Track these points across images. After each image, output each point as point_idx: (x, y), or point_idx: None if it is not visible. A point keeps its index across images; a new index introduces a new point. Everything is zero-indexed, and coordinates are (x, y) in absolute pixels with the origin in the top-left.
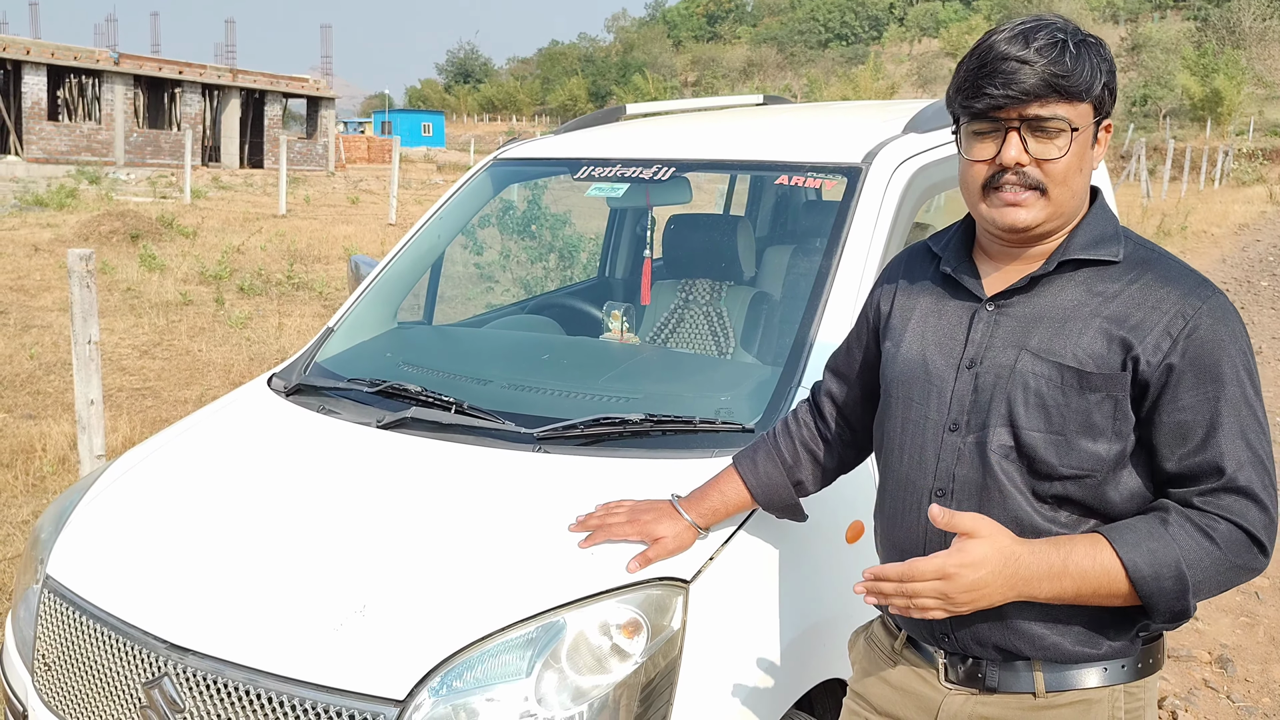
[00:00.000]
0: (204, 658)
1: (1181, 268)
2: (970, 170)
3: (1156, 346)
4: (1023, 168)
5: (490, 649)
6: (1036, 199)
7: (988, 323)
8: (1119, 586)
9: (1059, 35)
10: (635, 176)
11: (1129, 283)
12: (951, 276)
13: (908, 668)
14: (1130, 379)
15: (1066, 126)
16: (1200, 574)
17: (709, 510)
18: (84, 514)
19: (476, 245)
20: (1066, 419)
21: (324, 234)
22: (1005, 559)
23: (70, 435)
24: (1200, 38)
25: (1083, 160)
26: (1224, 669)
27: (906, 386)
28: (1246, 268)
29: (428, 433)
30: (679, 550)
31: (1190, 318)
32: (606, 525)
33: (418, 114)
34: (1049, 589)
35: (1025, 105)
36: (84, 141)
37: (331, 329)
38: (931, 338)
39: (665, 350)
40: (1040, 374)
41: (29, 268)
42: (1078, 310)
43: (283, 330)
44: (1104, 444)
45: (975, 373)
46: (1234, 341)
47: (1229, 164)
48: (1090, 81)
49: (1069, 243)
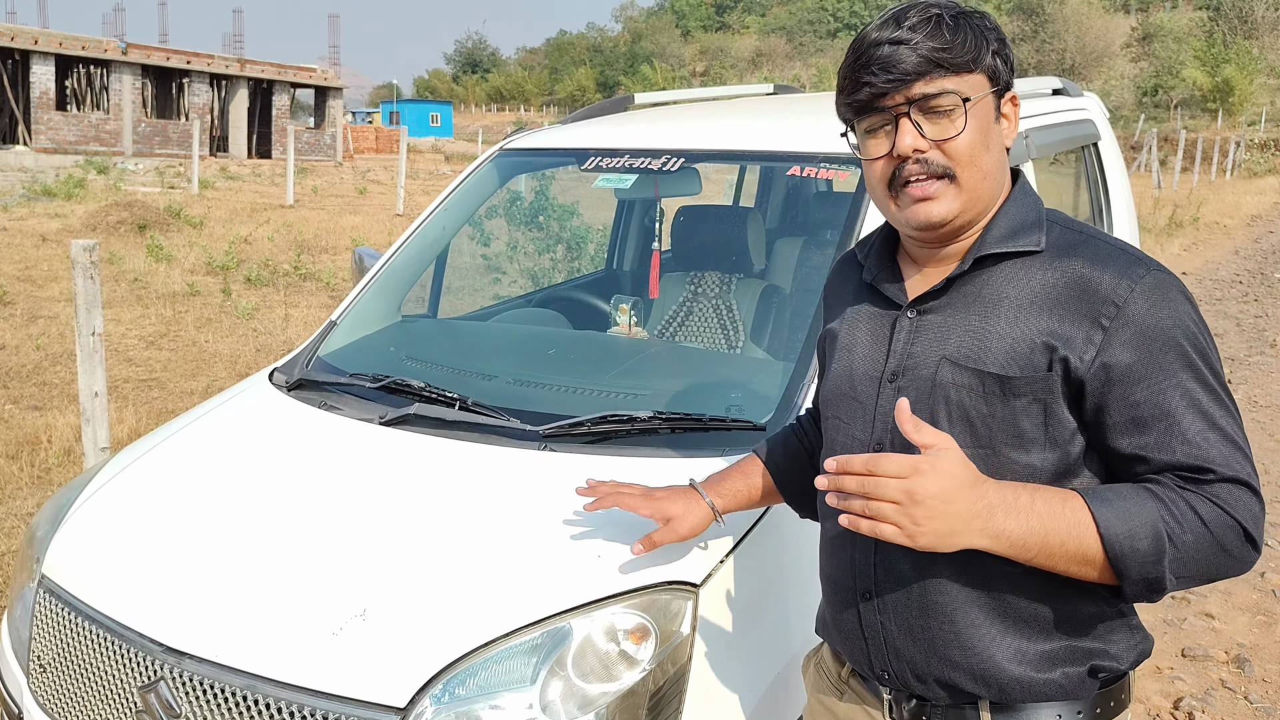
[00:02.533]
0: (201, 662)
1: (1111, 248)
2: (871, 171)
3: (1087, 340)
4: (923, 154)
5: (494, 655)
6: (946, 188)
7: (909, 331)
8: (1089, 542)
9: (932, 11)
10: (644, 167)
11: (1051, 272)
12: (873, 285)
13: (855, 703)
14: (1061, 379)
15: (958, 100)
16: (1182, 547)
17: (730, 492)
18: (80, 512)
19: (483, 236)
20: (993, 430)
21: (331, 224)
22: (974, 479)
23: (75, 427)
24: (1211, 27)
25: (987, 136)
26: (1241, 669)
27: (835, 406)
28: (1260, 259)
29: (431, 430)
30: (691, 534)
31: (1123, 303)
32: (618, 493)
33: (425, 104)
34: (1016, 526)
35: (909, 86)
36: (92, 131)
37: (334, 322)
38: (858, 352)
39: (674, 345)
40: (961, 384)
41: (36, 258)
42: (997, 310)
43: (289, 321)
44: (1037, 454)
45: (898, 386)
46: (1178, 322)
47: (1240, 155)
48: (976, 50)
49: (984, 237)
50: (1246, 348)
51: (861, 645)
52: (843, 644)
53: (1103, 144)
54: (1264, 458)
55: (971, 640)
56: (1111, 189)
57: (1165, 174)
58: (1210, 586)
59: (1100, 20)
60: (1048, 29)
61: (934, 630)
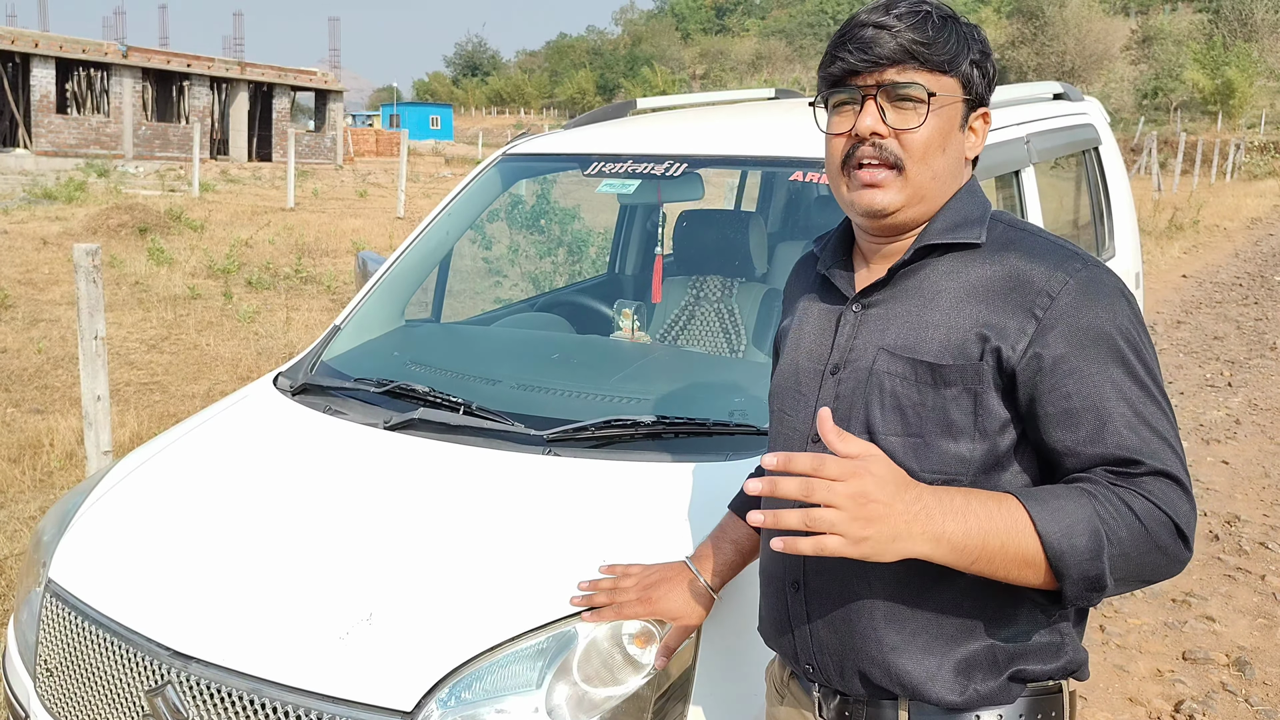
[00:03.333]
0: (207, 665)
1: (1049, 243)
2: (829, 147)
3: (1020, 331)
4: (880, 139)
5: (500, 659)
6: (894, 179)
7: (853, 324)
8: (1028, 543)
9: (923, 7)
10: (647, 172)
11: (989, 265)
12: (825, 276)
13: (793, 706)
14: (993, 370)
15: (924, 94)
16: (1118, 543)
17: (724, 566)
18: (86, 516)
19: (484, 239)
20: (924, 419)
21: (332, 227)
22: (906, 481)
23: (78, 430)
24: (1211, 30)
25: (946, 138)
26: (1242, 671)
27: (780, 399)
28: (1260, 262)
29: (435, 434)
30: (699, 622)
31: (1056, 295)
32: (616, 605)
33: (425, 107)
34: (955, 528)
35: (882, 71)
36: (92, 134)
37: (338, 327)
38: (805, 345)
39: (677, 350)
40: (895, 373)
41: (37, 261)
42: (935, 301)
43: (291, 324)
44: (965, 444)
45: (839, 379)
46: (1112, 316)
47: (1240, 157)
48: (954, 53)
49: (929, 228)
50: (1247, 350)
51: (790, 638)
52: (775, 638)
53: (1103, 148)
54: (1264, 460)
55: (886, 636)
56: (1112, 193)
57: (1165, 177)
58: (1211, 589)
59: (1100, 23)
60: (1047, 32)
61: (853, 623)
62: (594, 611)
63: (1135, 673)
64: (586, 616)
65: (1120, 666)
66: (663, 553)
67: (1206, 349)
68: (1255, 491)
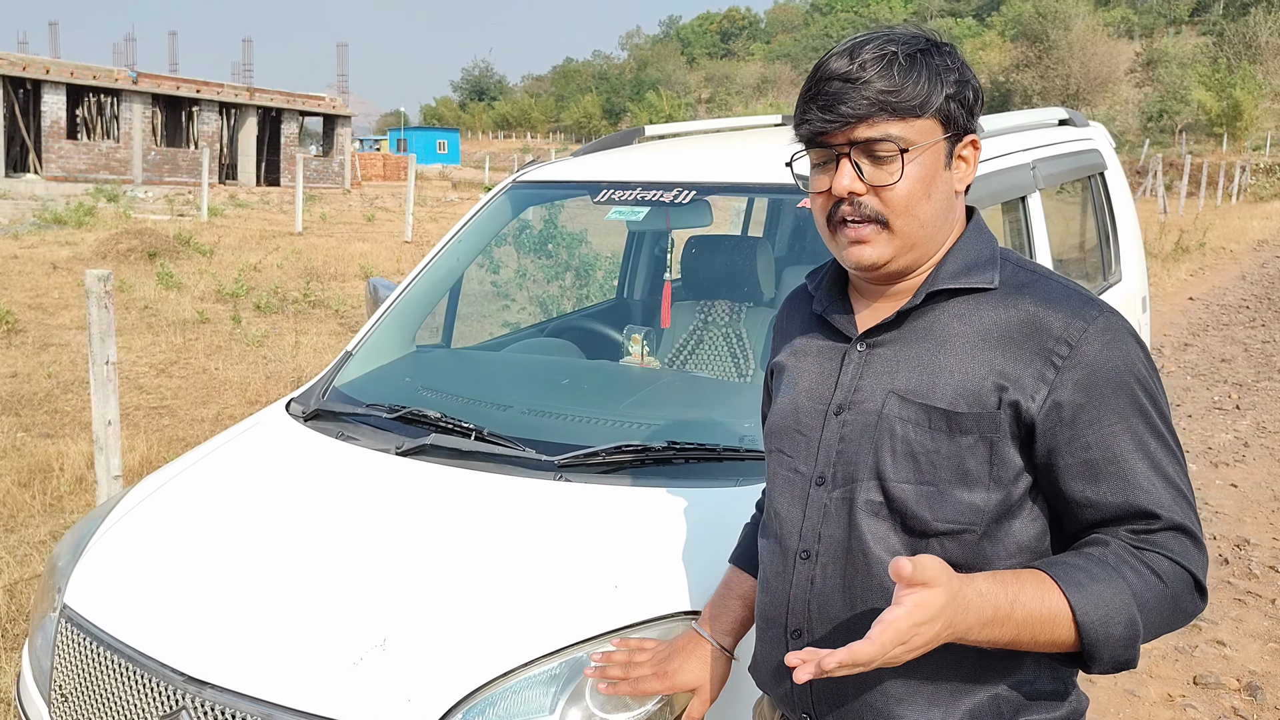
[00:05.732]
0: (222, 691)
1: (1064, 288)
2: (814, 204)
3: (1039, 379)
4: (858, 197)
5: (514, 685)
6: (878, 233)
7: (858, 364)
8: (1063, 633)
9: (889, 48)
10: (656, 200)
11: (1004, 309)
12: (823, 317)
13: None
14: (1011, 419)
15: (896, 150)
16: (1149, 618)
17: (734, 623)
18: (101, 542)
19: (492, 264)
20: (938, 466)
21: (340, 252)
22: (956, 609)
23: (87, 454)
24: (1216, 52)
25: (930, 185)
26: (1253, 696)
27: (779, 439)
28: (1267, 284)
29: (447, 460)
30: (720, 688)
31: (1075, 343)
32: (632, 680)
33: (433, 131)
34: (986, 635)
35: (852, 129)
36: (102, 160)
37: (350, 353)
38: (804, 384)
39: (687, 375)
40: (907, 418)
41: (47, 285)
42: (948, 346)
43: (299, 348)
44: (981, 493)
45: (843, 420)
46: (1129, 364)
47: (1246, 179)
48: (926, 94)
49: (937, 272)
50: (1254, 373)
51: (787, 685)
52: (770, 681)
53: (1109, 173)
54: (1273, 483)
55: (892, 687)
56: (1118, 217)
57: (1170, 199)
58: (1222, 614)
59: (1104, 46)
60: (1052, 55)
61: (859, 674)
62: (610, 685)
63: (1146, 698)
64: (602, 689)
65: (1131, 691)
66: (674, 577)
67: (1214, 371)
68: (1264, 515)
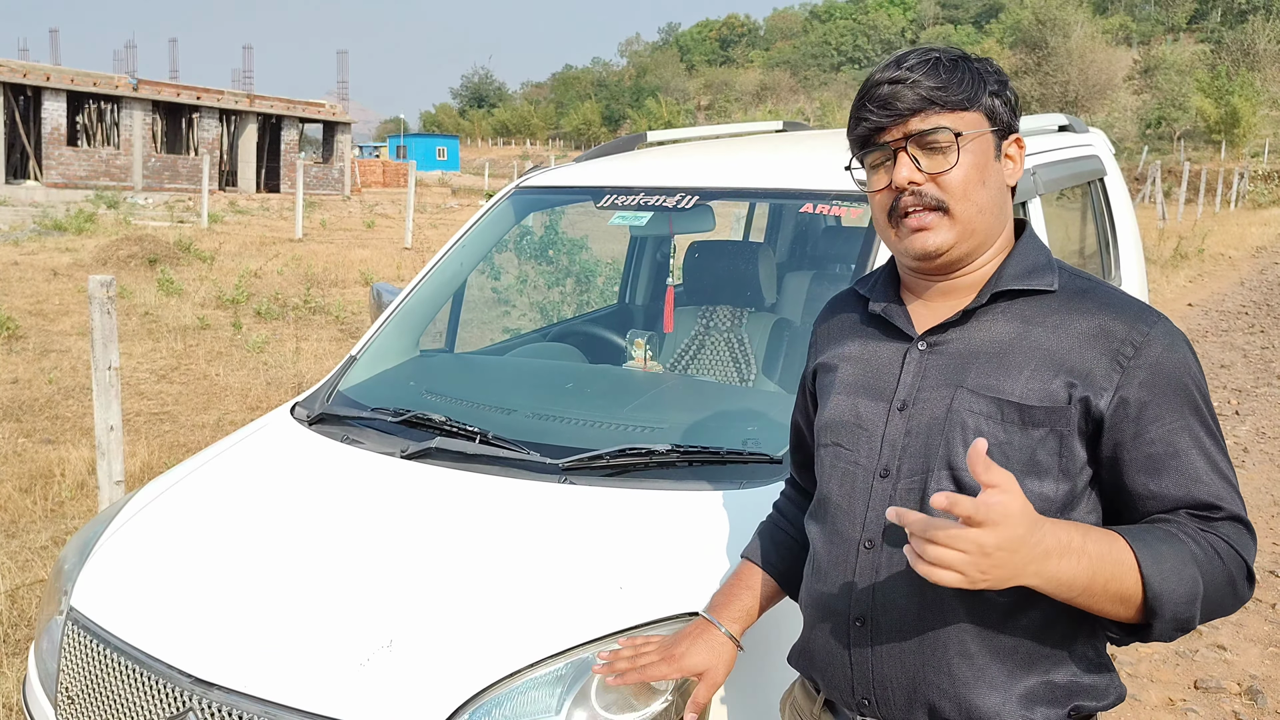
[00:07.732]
0: (228, 692)
1: (1122, 295)
2: (874, 203)
3: (1107, 377)
4: (918, 186)
5: (519, 686)
6: (941, 219)
7: (920, 362)
8: (1129, 584)
9: (932, 55)
10: (658, 205)
11: (1068, 312)
12: (881, 316)
13: None
14: (1080, 414)
15: (952, 135)
16: (1208, 586)
17: (742, 612)
18: (108, 545)
19: (493, 269)
20: (1009, 458)
21: (340, 258)
22: (1033, 522)
23: (89, 460)
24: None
25: (984, 172)
26: (1254, 700)
27: (836, 433)
28: (1265, 291)
29: (452, 463)
30: (727, 673)
31: (1140, 345)
32: (639, 667)
33: (432, 138)
34: (1068, 570)
35: (905, 122)
36: (103, 166)
37: (354, 357)
38: (862, 382)
39: (690, 379)
40: (979, 411)
41: (48, 292)
42: (1016, 344)
43: (300, 354)
44: (1050, 484)
45: (908, 415)
46: (1186, 367)
47: (1244, 186)
48: (971, 90)
49: (1000, 273)
50: (1254, 379)
51: (845, 672)
52: (823, 671)
53: (1109, 179)
54: (1273, 489)
55: (960, 670)
56: (1118, 223)
57: (1169, 205)
58: (1222, 619)
59: (1103, 53)
60: (1051, 62)
61: (925, 657)
62: (618, 675)
63: (1147, 701)
64: (610, 681)
65: (1132, 695)
66: (678, 579)
67: (1213, 377)
68: (1265, 520)
